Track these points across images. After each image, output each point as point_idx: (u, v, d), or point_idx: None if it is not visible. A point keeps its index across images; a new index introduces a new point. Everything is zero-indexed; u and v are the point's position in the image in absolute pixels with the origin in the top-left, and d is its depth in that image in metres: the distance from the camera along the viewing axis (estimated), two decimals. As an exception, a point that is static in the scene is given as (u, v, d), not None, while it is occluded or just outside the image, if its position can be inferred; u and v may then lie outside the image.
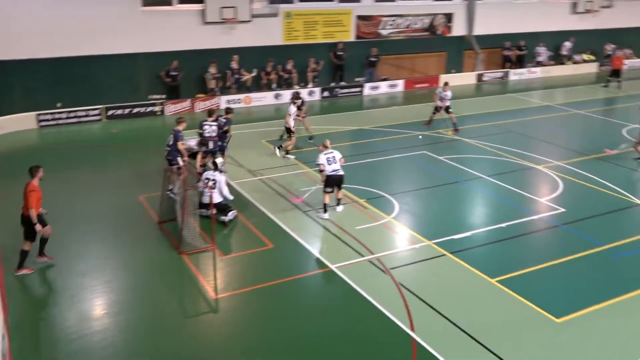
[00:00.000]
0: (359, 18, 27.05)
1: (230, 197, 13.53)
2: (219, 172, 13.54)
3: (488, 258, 11.87)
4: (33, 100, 21.09)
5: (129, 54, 22.52)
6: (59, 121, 21.32)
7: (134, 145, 19.10)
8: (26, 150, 18.61)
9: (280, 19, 25.19)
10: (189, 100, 23.31)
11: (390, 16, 27.72)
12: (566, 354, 8.95)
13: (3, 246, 11.32)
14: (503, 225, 13.22)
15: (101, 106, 21.97)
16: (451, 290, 10.70)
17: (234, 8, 23.64)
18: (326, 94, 26.09)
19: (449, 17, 29.26)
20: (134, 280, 11.07)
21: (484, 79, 30.32)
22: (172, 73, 23.05)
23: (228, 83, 24.36)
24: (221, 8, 23.44)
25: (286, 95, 24.53)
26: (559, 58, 32.90)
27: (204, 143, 15.24)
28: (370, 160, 17.55)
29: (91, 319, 9.78)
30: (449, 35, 29.62)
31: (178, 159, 14.38)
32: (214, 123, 15.56)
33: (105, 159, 17.82)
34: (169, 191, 13.81)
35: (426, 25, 28.80)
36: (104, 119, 22.01)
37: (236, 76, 24.33)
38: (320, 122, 21.37)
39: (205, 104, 23.27)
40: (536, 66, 31.92)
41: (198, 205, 13.03)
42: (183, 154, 14.61)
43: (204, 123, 15.52)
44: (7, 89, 20.78)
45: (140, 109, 22.58)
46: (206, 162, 15.49)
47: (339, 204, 13.90)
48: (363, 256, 11.76)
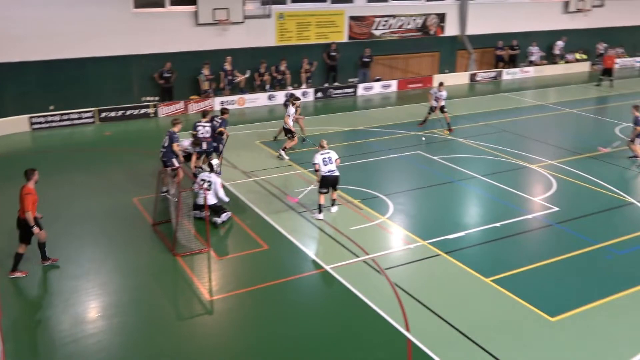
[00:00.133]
0: (352, 19, 27.07)
1: (225, 199, 13.50)
2: (215, 174, 13.52)
3: (482, 257, 11.89)
4: (25, 103, 20.98)
5: (122, 56, 22.46)
6: (52, 124, 21.23)
7: (127, 147, 19.04)
8: (19, 153, 18.53)
9: (273, 20, 25.18)
10: (183, 101, 23.26)
11: (383, 16, 27.75)
12: (561, 353, 8.97)
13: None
14: (497, 224, 13.25)
15: (94, 108, 21.89)
16: (446, 289, 10.71)
17: (227, 9, 23.62)
18: (320, 95, 26.09)
19: (442, 17, 29.33)
20: (128, 282, 11.03)
21: (477, 79, 30.39)
22: (166, 75, 23.00)
23: (221, 84, 24.34)
24: (214, 9, 23.42)
25: (280, 96, 24.57)
26: (552, 57, 33.03)
27: (198, 143, 15.28)
28: (364, 160, 17.55)
29: (85, 322, 9.74)
30: (442, 35, 29.68)
31: (173, 161, 14.37)
32: (208, 124, 15.60)
33: (98, 162, 17.75)
34: (164, 192, 13.79)
35: (419, 25, 28.86)
36: (97, 122, 21.94)
37: (229, 77, 24.31)
38: (314, 123, 21.37)
39: (198, 106, 23.25)
40: (529, 65, 32.02)
41: (192, 206, 13.02)
42: (178, 156, 14.60)
43: (198, 124, 15.57)
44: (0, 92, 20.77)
45: (133, 111, 22.52)
46: (200, 164, 15.49)
47: (334, 205, 13.90)
48: (358, 257, 11.77)
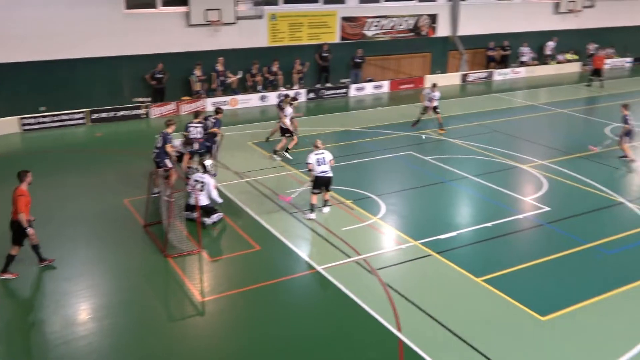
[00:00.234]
0: (344, 19, 27.10)
1: (219, 200, 13.46)
2: (208, 174, 13.48)
3: (474, 257, 11.93)
4: (16, 104, 20.86)
5: (113, 57, 22.39)
6: (43, 125, 21.13)
7: (119, 148, 18.98)
8: (10, 154, 18.41)
9: (265, 21, 25.17)
10: (174, 102, 23.21)
11: (374, 17, 27.81)
12: (551, 352, 9.01)
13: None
14: (489, 224, 13.29)
15: (85, 110, 21.80)
16: (437, 289, 10.74)
17: (219, 10, 23.60)
18: (312, 96, 26.09)
19: (434, 18, 29.41)
20: (120, 284, 11.00)
21: (469, 79, 30.49)
22: (157, 75, 22.94)
23: (213, 85, 24.31)
24: (206, 10, 23.39)
25: (272, 97, 24.57)
26: (543, 58, 33.19)
27: (189, 143, 15.23)
28: (356, 161, 17.57)
29: (76, 324, 9.70)
30: (434, 36, 29.76)
31: (166, 161, 14.33)
32: (199, 125, 15.60)
33: (89, 163, 17.68)
34: (156, 194, 13.75)
35: (411, 26, 28.93)
36: (88, 123, 21.85)
37: (221, 78, 24.28)
38: (306, 124, 21.37)
39: (190, 107, 23.21)
40: (520, 66, 32.16)
41: (184, 207, 13.00)
42: (171, 157, 14.57)
43: (190, 125, 15.60)
44: (-10, 93, 20.64)
45: (124, 112, 22.45)
46: (192, 164, 15.47)
47: (326, 205, 13.90)
48: (350, 257, 11.77)
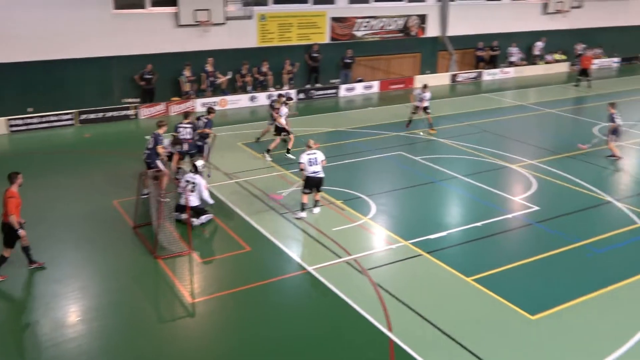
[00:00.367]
0: (334, 20, 27.11)
1: (210, 201, 13.40)
2: (199, 175, 13.42)
3: (464, 257, 11.97)
4: (3, 105, 20.69)
5: (102, 58, 22.26)
6: (30, 126, 20.95)
7: (107, 149, 18.88)
8: (-3, 156, 18.30)
9: (254, 22, 25.13)
10: (164, 103, 23.11)
11: (364, 18, 27.84)
12: (541, 350, 9.06)
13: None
14: (478, 224, 13.34)
15: (74, 110, 21.65)
16: (428, 289, 10.77)
17: (208, 11, 23.54)
18: (302, 96, 26.08)
19: (423, 19, 29.49)
20: (109, 286, 10.93)
21: (458, 80, 30.60)
22: (147, 76, 22.84)
23: (203, 86, 24.24)
24: (195, 11, 23.32)
25: (261, 97, 24.59)
26: (531, 58, 33.37)
27: (177, 142, 15.14)
28: (346, 161, 17.58)
29: (65, 326, 9.63)
30: (423, 36, 29.84)
31: (157, 162, 14.27)
32: (189, 125, 15.55)
33: (78, 164, 17.57)
34: (145, 195, 13.70)
35: (400, 26, 28.99)
36: (77, 124, 21.71)
37: (211, 79, 24.22)
38: (296, 124, 21.30)
39: (180, 107, 23.12)
40: (509, 66, 32.30)
41: (174, 208, 12.94)
42: (163, 158, 14.50)
43: (179, 125, 15.56)
44: (-23, 94, 20.47)
45: (113, 113, 22.32)
46: (182, 165, 15.40)
47: (316, 206, 13.90)
48: (340, 257, 11.78)
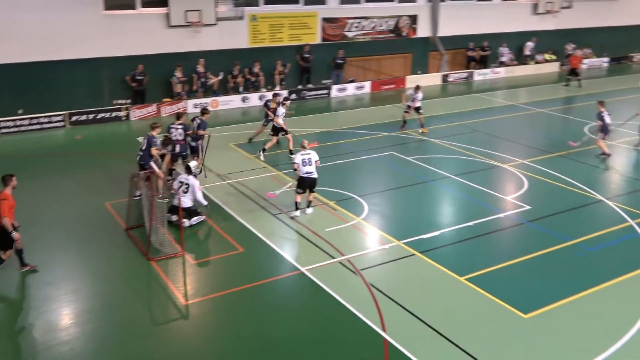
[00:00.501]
0: (325, 20, 27.13)
1: (204, 202, 13.36)
2: (193, 176, 13.38)
3: (457, 256, 12.01)
4: (-7, 107, 20.63)
5: (92, 59, 22.17)
6: (21, 128, 20.81)
7: (99, 151, 18.79)
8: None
9: (245, 22, 25.11)
10: (155, 104, 23.03)
11: (355, 18, 27.87)
12: (534, 349, 9.09)
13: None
14: (470, 223, 13.38)
15: (64, 112, 21.54)
16: (421, 289, 10.79)
17: (199, 11, 23.48)
18: (293, 97, 26.04)
19: (414, 19, 29.56)
20: (102, 288, 10.88)
21: (450, 80, 30.70)
22: (138, 77, 22.76)
23: (194, 87, 24.18)
24: (186, 11, 23.26)
25: (253, 98, 24.60)
26: (522, 58, 33.53)
27: (168, 143, 15.09)
28: (338, 162, 17.60)
29: (58, 329, 9.58)
30: (414, 36, 29.92)
31: (151, 164, 14.22)
32: (181, 126, 15.52)
33: (69, 166, 17.48)
34: (138, 197, 13.65)
35: (391, 27, 29.04)
36: (68, 125, 21.60)
37: (203, 80, 24.16)
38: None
39: (171, 108, 23.06)
40: (499, 66, 32.44)
41: (167, 209, 12.89)
42: (157, 160, 14.45)
43: (171, 126, 15.53)
44: (-34, 96, 20.33)
45: (104, 114, 22.21)
46: (174, 166, 15.37)
47: (309, 207, 13.90)
48: (333, 258, 11.78)
